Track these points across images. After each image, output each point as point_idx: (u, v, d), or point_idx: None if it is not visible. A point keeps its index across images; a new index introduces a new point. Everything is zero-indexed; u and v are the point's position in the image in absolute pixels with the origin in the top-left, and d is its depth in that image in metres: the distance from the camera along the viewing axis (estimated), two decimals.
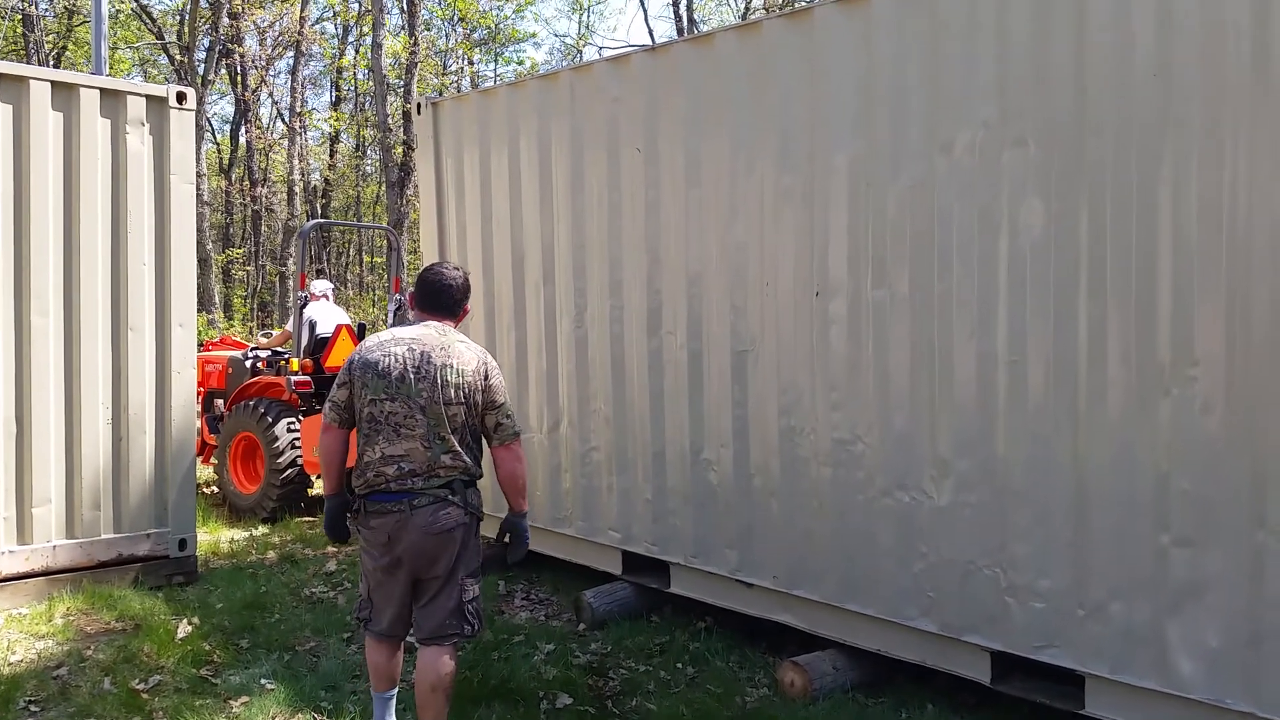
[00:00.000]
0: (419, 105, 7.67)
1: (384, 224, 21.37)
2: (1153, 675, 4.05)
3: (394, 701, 4.19)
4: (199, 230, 12.62)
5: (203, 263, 21.61)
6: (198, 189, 8.34)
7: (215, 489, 9.79)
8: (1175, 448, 3.97)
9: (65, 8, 26.74)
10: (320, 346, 9.06)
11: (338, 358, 8.74)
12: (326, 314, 9.46)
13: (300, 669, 5.24)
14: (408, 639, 4.23)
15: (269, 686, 4.98)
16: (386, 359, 3.97)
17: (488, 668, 5.23)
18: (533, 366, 6.79)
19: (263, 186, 30.09)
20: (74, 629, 5.79)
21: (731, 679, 5.19)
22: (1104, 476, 4.15)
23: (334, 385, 4.12)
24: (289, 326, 9.64)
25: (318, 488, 8.99)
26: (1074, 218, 4.18)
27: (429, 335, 4.05)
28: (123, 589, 6.42)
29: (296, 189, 29.90)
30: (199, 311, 7.38)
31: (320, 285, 9.86)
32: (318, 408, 8.40)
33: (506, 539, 4.29)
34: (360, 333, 9.62)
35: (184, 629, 5.75)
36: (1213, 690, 3.91)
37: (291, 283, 25.89)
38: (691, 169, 5.68)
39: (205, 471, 10.15)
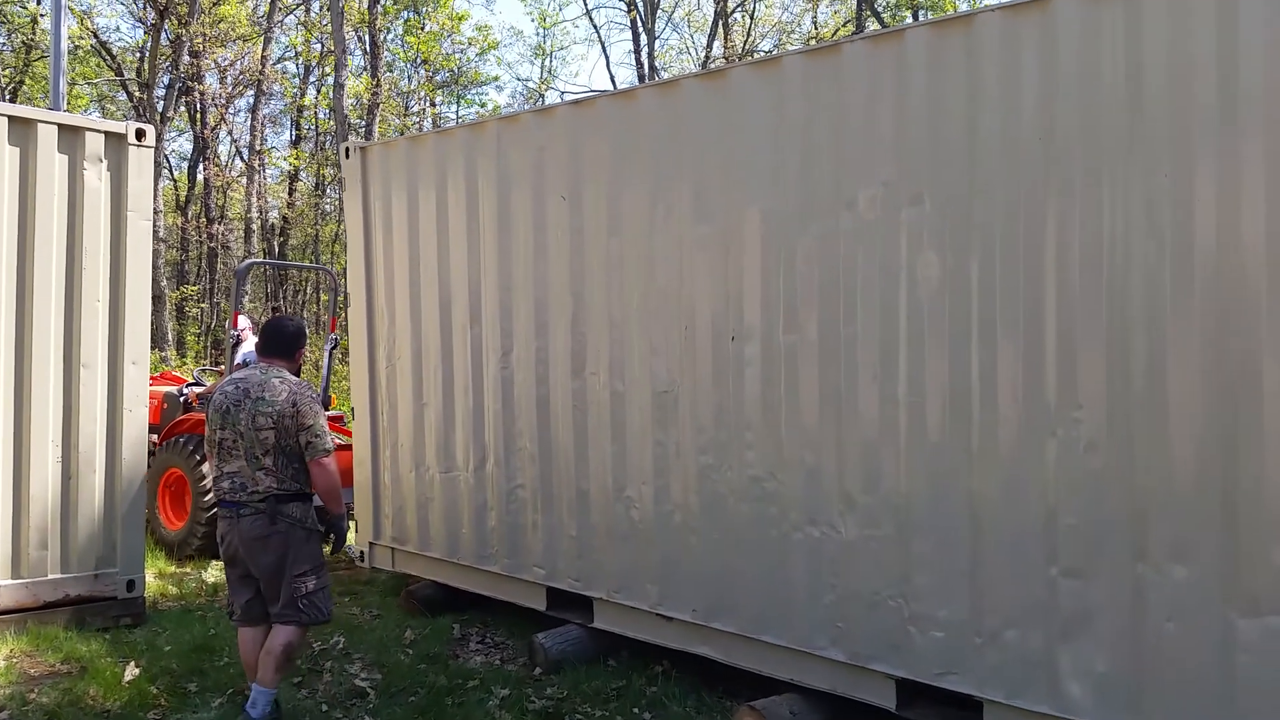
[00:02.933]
0: (347, 150, 7.71)
1: (329, 265, 21.21)
2: (1046, 700, 4.21)
3: None
4: (154, 267, 12.42)
5: (157, 299, 21.16)
6: (154, 226, 8.27)
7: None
8: (1061, 484, 4.16)
9: (23, 42, 26.19)
10: None
11: None
12: None
13: None
14: None
15: None
16: (220, 396, 4.82)
17: (441, 713, 5.16)
18: (460, 406, 6.83)
19: (219, 224, 29.57)
20: (17, 671, 5.62)
21: None
22: (997, 511, 4.33)
23: None
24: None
25: None
26: (966, 270, 4.39)
27: (253, 375, 4.84)
28: (68, 630, 6.25)
29: (254, 226, 29.46)
30: (151, 349, 7.27)
31: (244, 322, 9.81)
32: None
33: (331, 536, 5.07)
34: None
35: (131, 672, 5.59)
36: (1101, 713, 4.08)
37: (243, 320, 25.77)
38: (613, 216, 5.81)
39: None
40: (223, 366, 11.71)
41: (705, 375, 5.40)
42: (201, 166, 29.77)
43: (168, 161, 31.49)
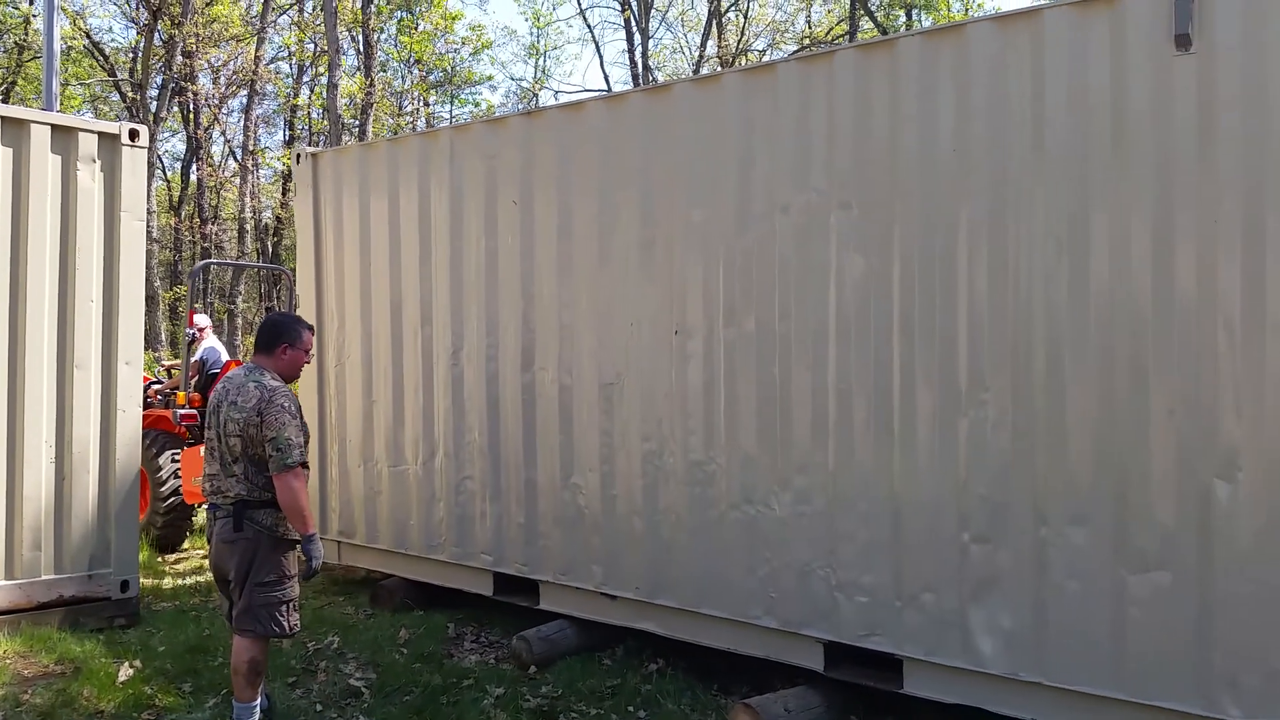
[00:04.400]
0: (298, 155, 7.91)
1: (282, 264, 21.13)
2: (960, 655, 4.64)
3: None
4: (147, 267, 12.29)
5: (150, 300, 20.81)
6: (147, 226, 8.21)
7: None
8: (972, 459, 4.61)
9: (16, 43, 25.55)
10: (211, 382, 9.12)
11: None
12: (221, 350, 9.61)
13: None
14: None
15: None
16: (214, 394, 4.71)
17: (436, 712, 5.15)
18: (409, 402, 7.07)
19: (213, 224, 29.02)
20: (11, 672, 5.56)
21: None
22: (915, 485, 4.77)
23: None
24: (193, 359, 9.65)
25: (201, 517, 9.05)
26: (888, 271, 4.84)
27: (238, 375, 4.67)
28: (62, 631, 6.18)
29: (248, 227, 28.97)
30: (145, 349, 7.14)
31: (201, 320, 9.91)
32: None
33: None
34: None
35: (125, 672, 5.53)
36: (1009, 666, 4.52)
37: (239, 320, 26.18)
38: (564, 220, 6.15)
39: None
40: (173, 363, 11.75)
41: (650, 368, 5.75)
42: (195, 167, 29.20)
43: (161, 162, 30.90)
